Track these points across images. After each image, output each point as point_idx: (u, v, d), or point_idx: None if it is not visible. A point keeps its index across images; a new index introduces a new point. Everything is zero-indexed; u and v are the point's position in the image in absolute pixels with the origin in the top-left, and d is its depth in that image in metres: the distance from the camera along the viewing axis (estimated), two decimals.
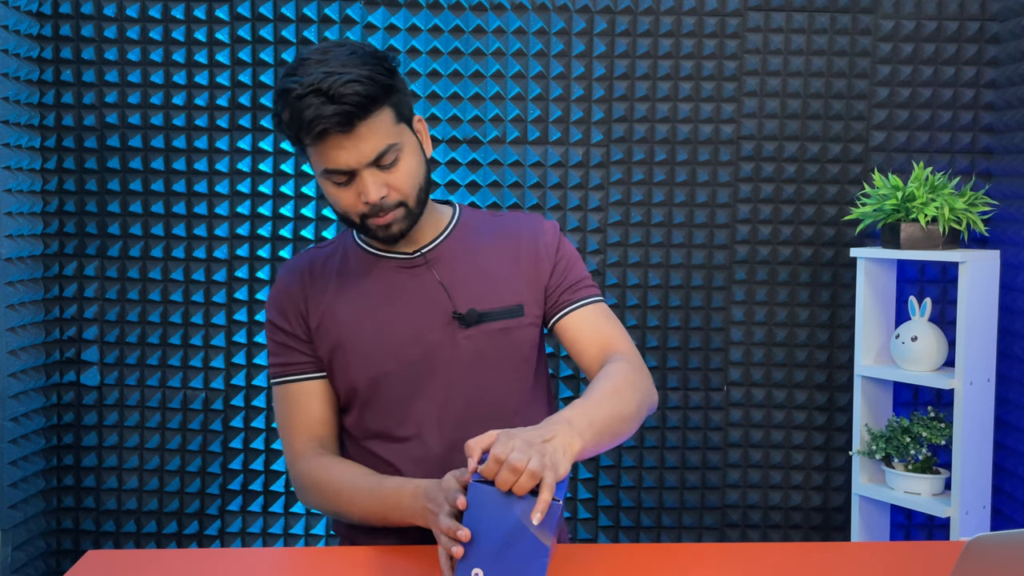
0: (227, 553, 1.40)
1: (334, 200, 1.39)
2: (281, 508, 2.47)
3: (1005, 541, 0.87)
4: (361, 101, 1.30)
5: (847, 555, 1.40)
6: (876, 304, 2.33)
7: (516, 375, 1.49)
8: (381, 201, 1.36)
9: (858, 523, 2.33)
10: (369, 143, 1.33)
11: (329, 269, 1.50)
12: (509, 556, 1.09)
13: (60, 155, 2.40)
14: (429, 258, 1.48)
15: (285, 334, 1.48)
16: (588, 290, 1.53)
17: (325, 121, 1.29)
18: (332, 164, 1.34)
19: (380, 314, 1.45)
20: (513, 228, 1.54)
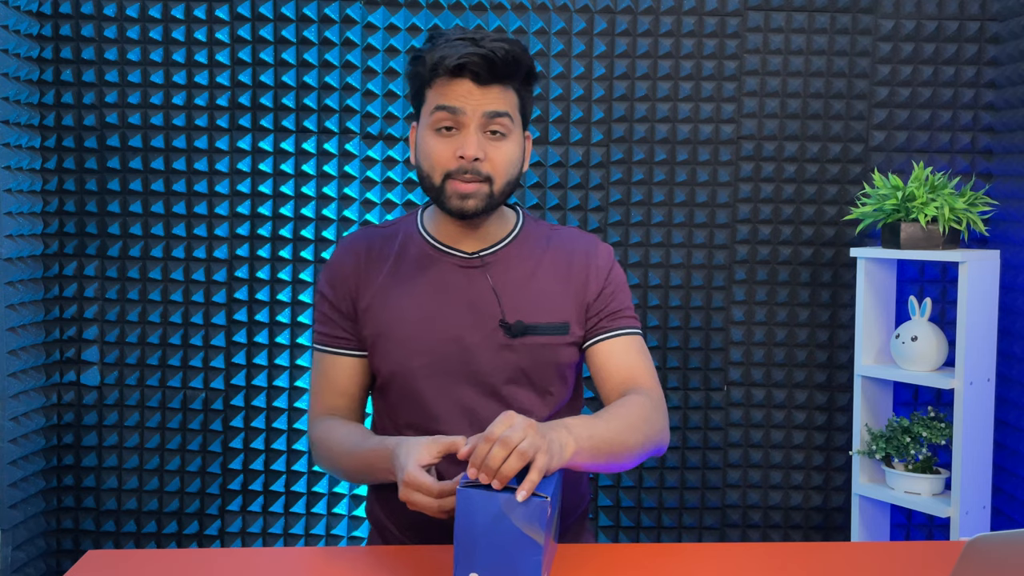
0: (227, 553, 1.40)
1: (427, 152, 1.42)
2: (281, 508, 2.47)
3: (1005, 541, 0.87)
4: (506, 59, 1.38)
5: (847, 555, 1.40)
6: (876, 304, 2.33)
7: (551, 390, 1.51)
8: (475, 163, 1.39)
9: (858, 523, 2.33)
10: (491, 100, 1.39)
11: (387, 252, 1.52)
12: (502, 557, 1.10)
13: (60, 155, 2.40)
14: (487, 261, 1.49)
15: (330, 306, 1.52)
16: (628, 320, 1.54)
17: (468, 57, 1.36)
18: (450, 101, 1.39)
19: (428, 307, 1.47)
20: (568, 244, 1.55)
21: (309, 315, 2.45)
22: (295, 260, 2.44)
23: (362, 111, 2.42)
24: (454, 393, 1.46)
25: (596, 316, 1.53)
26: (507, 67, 1.38)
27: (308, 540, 2.48)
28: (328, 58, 2.40)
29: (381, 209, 2.44)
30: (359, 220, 2.44)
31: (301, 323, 2.45)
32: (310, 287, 2.44)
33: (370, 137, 2.43)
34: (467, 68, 1.37)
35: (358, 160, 2.43)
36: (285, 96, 2.41)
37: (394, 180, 2.44)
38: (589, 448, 1.24)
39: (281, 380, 2.45)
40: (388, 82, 2.41)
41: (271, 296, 2.44)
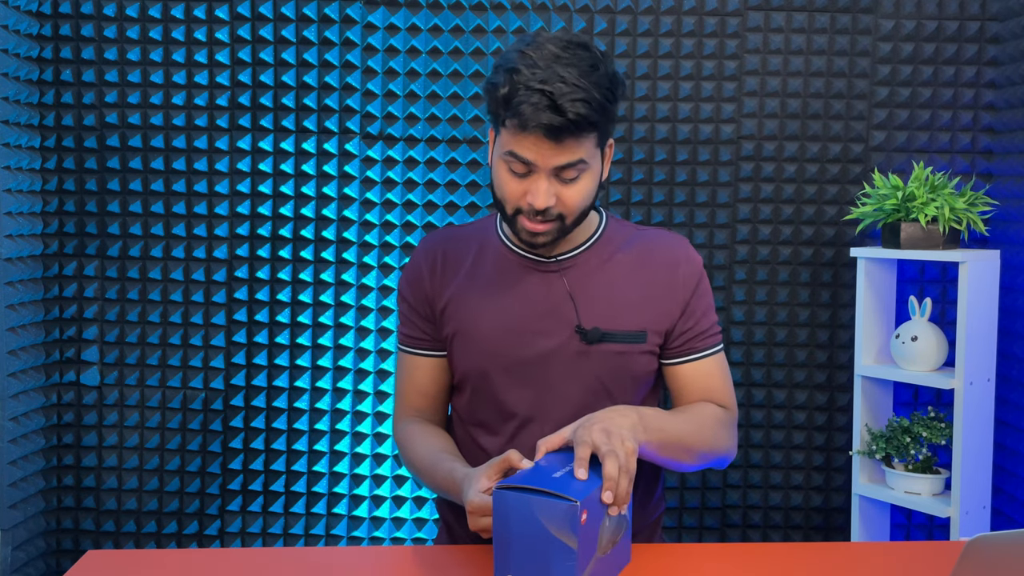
0: (227, 553, 1.40)
1: (500, 183, 1.39)
2: (281, 508, 2.47)
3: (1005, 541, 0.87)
4: (579, 121, 1.29)
5: (847, 555, 1.40)
6: (876, 304, 2.33)
7: (625, 399, 1.48)
8: (546, 209, 1.36)
9: (858, 523, 2.33)
10: (564, 155, 1.33)
11: (465, 253, 1.52)
12: (537, 561, 1.08)
13: (60, 155, 2.40)
14: (565, 266, 1.48)
15: (409, 307, 1.54)
16: (714, 339, 1.52)
17: (537, 123, 1.28)
18: (520, 152, 1.33)
19: (504, 310, 1.47)
20: (653, 249, 1.51)
21: (309, 315, 2.45)
22: (295, 260, 2.44)
23: (362, 111, 2.42)
24: (527, 396, 1.46)
25: (685, 335, 1.49)
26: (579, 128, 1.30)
27: (308, 540, 2.48)
28: (328, 58, 2.40)
29: (381, 209, 2.44)
30: (359, 220, 2.44)
31: (301, 323, 2.45)
32: (310, 287, 2.44)
33: (370, 137, 2.43)
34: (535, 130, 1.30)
35: (358, 160, 2.43)
36: (285, 96, 2.41)
37: (394, 180, 2.44)
38: (657, 442, 1.27)
39: (281, 380, 2.45)
40: (388, 82, 2.41)
41: (271, 296, 2.44)
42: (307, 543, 2.48)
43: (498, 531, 1.10)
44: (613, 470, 1.12)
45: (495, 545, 1.11)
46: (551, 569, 1.07)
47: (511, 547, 1.09)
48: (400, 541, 2.48)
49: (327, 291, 2.44)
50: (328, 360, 2.45)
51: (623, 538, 1.21)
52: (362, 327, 2.45)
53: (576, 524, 1.06)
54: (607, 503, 1.12)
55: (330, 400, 2.46)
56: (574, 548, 1.06)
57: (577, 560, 1.07)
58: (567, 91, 1.28)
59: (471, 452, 1.50)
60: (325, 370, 2.46)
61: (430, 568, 1.25)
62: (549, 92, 1.28)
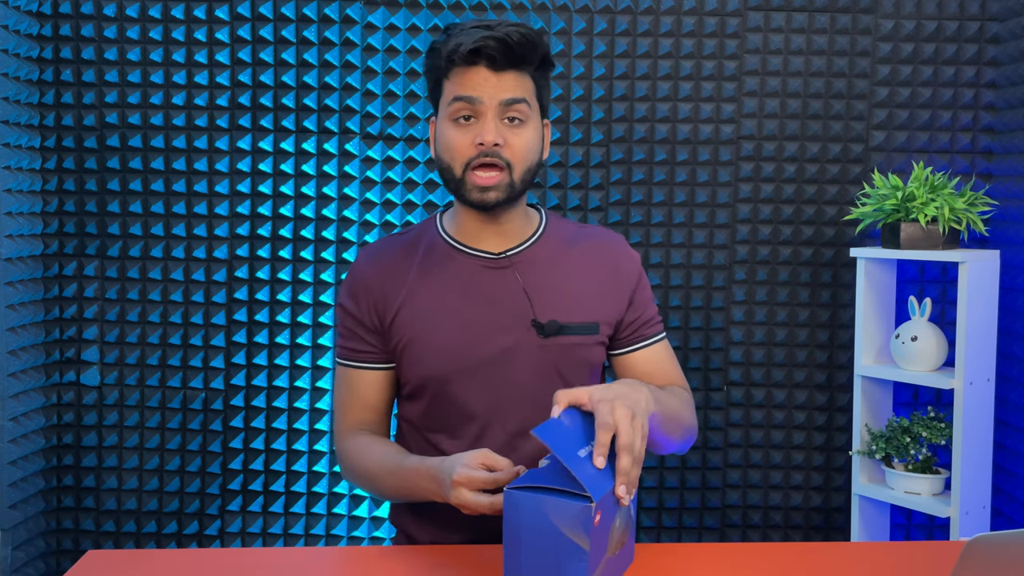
0: (227, 553, 1.40)
1: (447, 144, 1.42)
2: (281, 508, 2.47)
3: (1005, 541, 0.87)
4: (521, 42, 1.38)
5: (847, 555, 1.40)
6: (876, 304, 2.33)
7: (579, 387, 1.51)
8: (494, 148, 1.39)
9: (858, 523, 2.33)
10: (508, 87, 1.40)
11: (410, 259, 1.51)
12: (548, 561, 1.08)
13: (60, 155, 2.40)
14: (514, 261, 1.48)
15: (354, 320, 1.50)
16: (660, 326, 1.58)
17: (483, 42, 1.36)
18: (467, 90, 1.39)
19: (458, 311, 1.46)
20: (597, 244, 1.56)
21: (309, 315, 2.45)
22: (295, 260, 2.44)
23: (362, 111, 2.42)
24: (488, 395, 1.46)
25: (632, 324, 1.54)
26: (522, 51, 1.38)
27: (308, 540, 2.48)
28: (328, 58, 2.40)
29: (381, 209, 2.44)
30: (359, 220, 2.44)
31: (301, 323, 2.45)
32: (310, 287, 2.44)
33: (370, 137, 2.43)
34: (482, 54, 1.37)
35: (358, 160, 2.43)
36: (285, 96, 2.41)
37: (394, 180, 2.44)
38: (661, 414, 1.28)
39: (281, 380, 2.45)
40: (388, 82, 2.41)
41: (271, 296, 2.44)
42: (307, 543, 2.48)
43: (508, 532, 1.10)
44: (627, 464, 1.12)
45: (505, 546, 1.11)
46: (563, 570, 1.07)
47: (522, 548, 1.09)
48: None
49: (327, 291, 2.44)
50: (328, 360, 2.45)
51: (629, 538, 1.21)
52: None
53: (589, 525, 1.06)
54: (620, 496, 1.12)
55: (330, 400, 2.46)
56: (586, 549, 1.06)
57: (589, 561, 1.06)
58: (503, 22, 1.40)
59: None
60: (325, 370, 2.46)
61: (430, 568, 1.25)
62: (486, 24, 1.39)
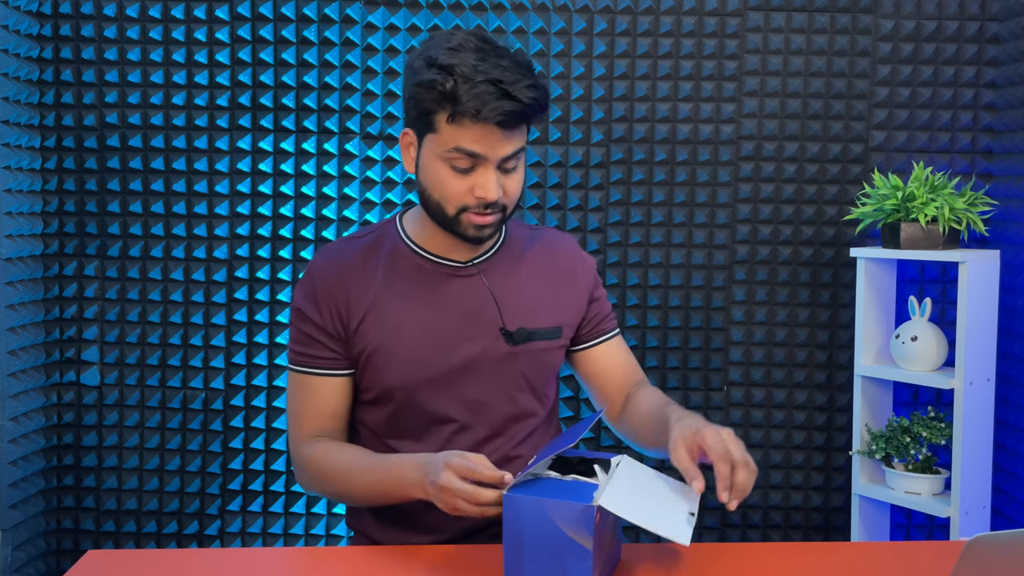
0: (227, 553, 1.40)
1: (440, 184, 1.37)
2: (281, 508, 2.47)
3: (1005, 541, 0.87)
4: (533, 106, 1.32)
5: (847, 555, 1.40)
6: (876, 304, 2.33)
7: (545, 392, 1.53)
8: (495, 201, 1.37)
9: (858, 523, 2.33)
10: (512, 144, 1.35)
11: (374, 263, 1.46)
12: (551, 563, 1.08)
13: (60, 155, 2.40)
14: (482, 268, 1.48)
15: (314, 326, 1.45)
16: (612, 321, 1.61)
17: (499, 114, 1.29)
18: (469, 146, 1.33)
19: (426, 319, 1.44)
20: (552, 247, 1.57)
21: None
22: (295, 260, 2.44)
23: (362, 111, 2.42)
24: (457, 400, 1.46)
25: (591, 321, 1.57)
26: (533, 114, 1.35)
27: (308, 540, 2.48)
28: (328, 58, 2.40)
29: (381, 209, 2.44)
30: (359, 220, 2.44)
31: None
32: None
33: (370, 137, 2.43)
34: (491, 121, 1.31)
35: (358, 160, 2.43)
36: (285, 96, 2.41)
37: (394, 180, 2.44)
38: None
39: (281, 380, 2.45)
40: (388, 82, 2.41)
41: (271, 296, 2.44)
42: (307, 543, 2.48)
43: (509, 537, 1.10)
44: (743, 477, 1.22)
45: (505, 552, 1.11)
46: (567, 571, 1.07)
47: (524, 552, 1.09)
48: None
49: None
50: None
51: (617, 537, 1.22)
52: None
53: (591, 524, 1.06)
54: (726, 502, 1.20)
55: None
56: (589, 548, 1.06)
57: (592, 560, 1.07)
58: (513, 79, 1.30)
59: None
60: None
61: (431, 567, 1.25)
62: (497, 80, 1.29)
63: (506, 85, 1.29)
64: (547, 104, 1.37)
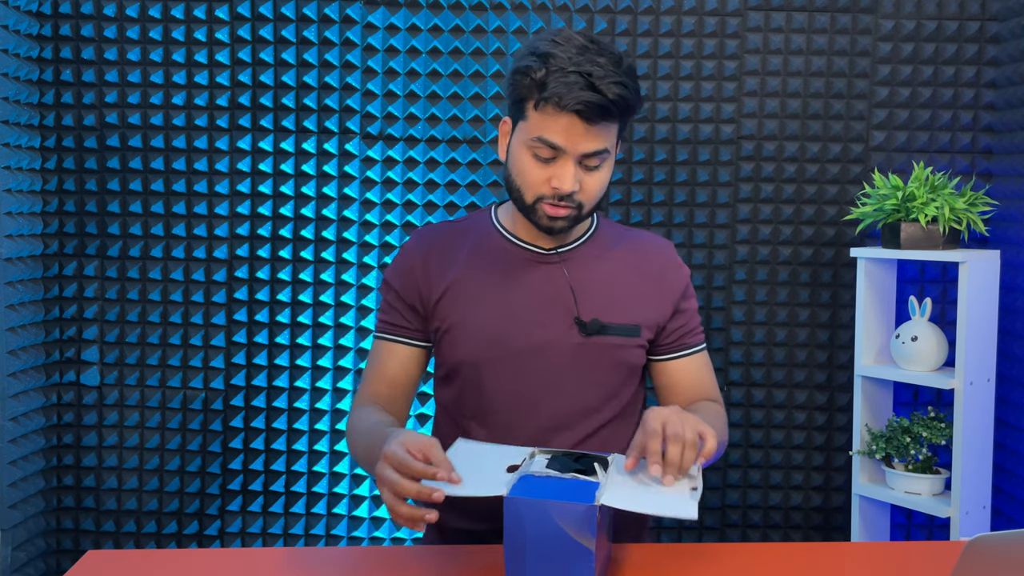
0: (227, 553, 1.40)
1: (521, 170, 1.41)
2: (281, 508, 2.47)
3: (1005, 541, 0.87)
4: (619, 103, 1.34)
5: (847, 555, 1.40)
6: (876, 304, 2.33)
7: (616, 390, 1.51)
8: (570, 194, 1.39)
9: (858, 523, 2.33)
10: (595, 141, 1.37)
11: (461, 246, 1.52)
12: (553, 565, 1.08)
13: (60, 155, 2.40)
14: (564, 258, 1.50)
15: (396, 296, 1.52)
16: (701, 336, 1.58)
17: (576, 101, 1.32)
18: (551, 137, 1.36)
19: (503, 300, 1.47)
20: (645, 248, 1.57)
21: (309, 315, 2.45)
22: (295, 260, 2.44)
23: (362, 111, 2.42)
24: (523, 386, 1.46)
25: (676, 332, 1.54)
26: (618, 111, 1.36)
27: (308, 540, 2.48)
28: (328, 58, 2.40)
29: (381, 209, 2.44)
30: (359, 220, 2.44)
31: (301, 323, 2.45)
32: (310, 287, 2.44)
33: (370, 137, 2.43)
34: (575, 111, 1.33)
35: (358, 160, 2.43)
36: (285, 96, 2.41)
37: (394, 180, 2.44)
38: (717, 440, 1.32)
39: (281, 380, 2.45)
40: (388, 82, 2.41)
41: (271, 296, 2.44)
42: (307, 543, 2.48)
43: (510, 540, 1.10)
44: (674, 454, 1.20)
45: (506, 555, 1.11)
46: (570, 571, 1.07)
47: (526, 555, 1.09)
48: (400, 541, 2.48)
49: (327, 291, 2.44)
50: (328, 360, 2.45)
51: (610, 534, 1.23)
52: (362, 327, 2.45)
53: (594, 524, 1.06)
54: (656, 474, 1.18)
55: (330, 400, 2.46)
56: (591, 549, 1.06)
57: (595, 560, 1.07)
58: (603, 74, 1.33)
59: None
60: (325, 370, 2.46)
61: (431, 568, 1.25)
62: (587, 73, 1.32)
63: (594, 79, 1.32)
64: (636, 105, 1.38)
